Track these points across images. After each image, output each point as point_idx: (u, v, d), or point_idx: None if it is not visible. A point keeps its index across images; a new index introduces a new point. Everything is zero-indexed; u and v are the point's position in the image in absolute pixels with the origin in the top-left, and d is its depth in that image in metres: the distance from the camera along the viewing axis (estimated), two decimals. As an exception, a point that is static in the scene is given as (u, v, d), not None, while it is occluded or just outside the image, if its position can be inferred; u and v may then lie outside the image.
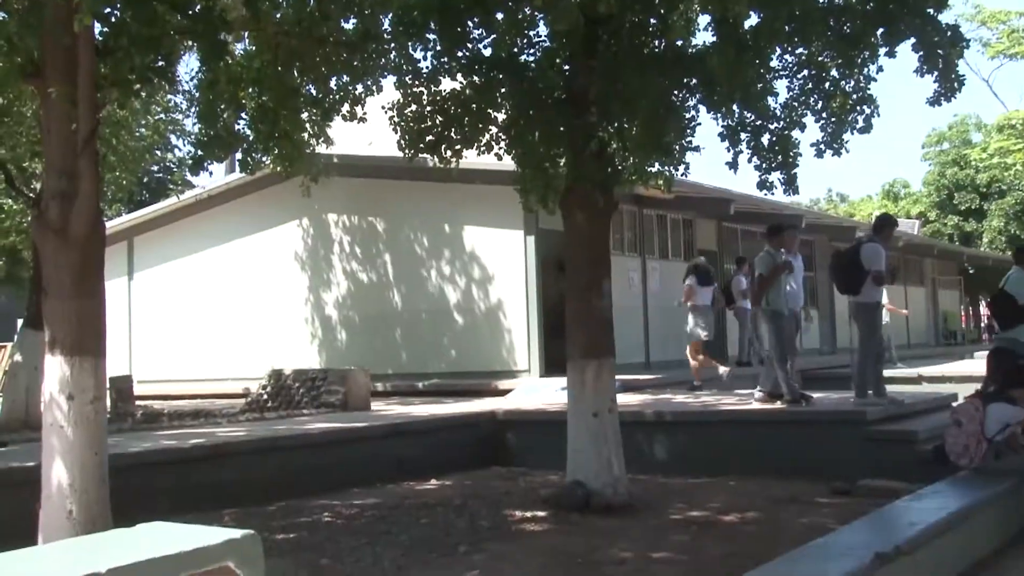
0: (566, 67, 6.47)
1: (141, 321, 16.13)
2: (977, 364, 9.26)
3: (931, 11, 5.60)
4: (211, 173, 12.11)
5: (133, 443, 7.06)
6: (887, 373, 8.80)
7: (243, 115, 5.71)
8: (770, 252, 8.45)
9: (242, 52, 5.71)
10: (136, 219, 16.43)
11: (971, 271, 27.98)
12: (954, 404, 7.42)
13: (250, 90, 5.45)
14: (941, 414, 7.92)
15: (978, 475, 5.78)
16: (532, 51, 6.59)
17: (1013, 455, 5.81)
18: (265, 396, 10.87)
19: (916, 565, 4.07)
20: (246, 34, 5.46)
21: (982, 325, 30.45)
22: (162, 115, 12.08)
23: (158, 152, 14.77)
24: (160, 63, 4.76)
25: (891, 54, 5.96)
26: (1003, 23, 21.66)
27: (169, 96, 11.28)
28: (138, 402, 12.01)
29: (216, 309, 15.20)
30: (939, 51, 5.61)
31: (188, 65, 15.25)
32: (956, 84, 5.73)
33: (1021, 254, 7.68)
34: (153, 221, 16.19)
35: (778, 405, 8.19)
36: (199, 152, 5.75)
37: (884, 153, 73.97)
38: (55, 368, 4.62)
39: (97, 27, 4.54)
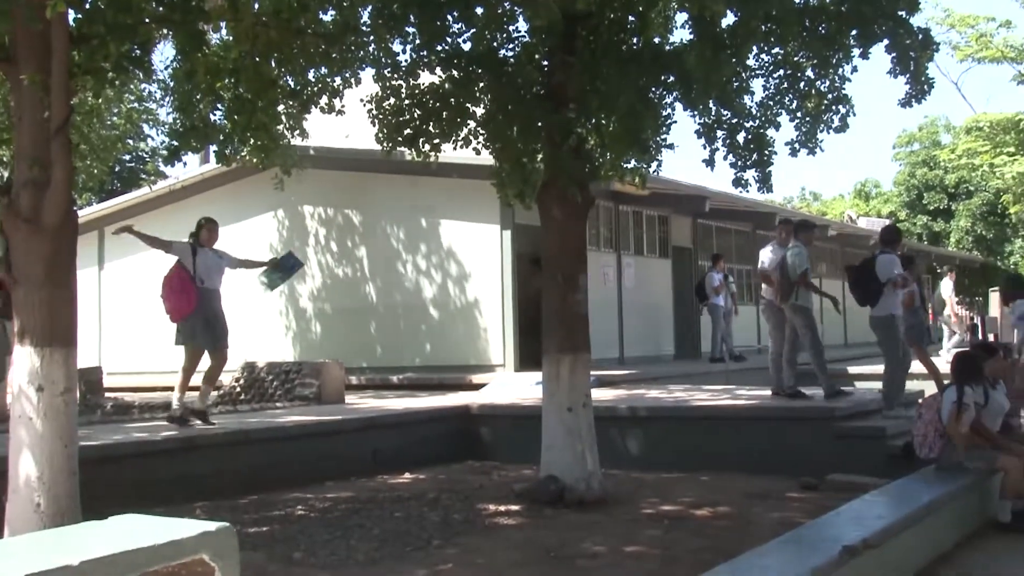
0: (545, 63, 6.48)
1: (111, 312, 15.91)
2: (943, 361, 9.42)
3: (903, 13, 5.70)
4: (185, 164, 11.96)
5: (103, 435, 6.98)
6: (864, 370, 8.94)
7: (219, 106, 5.65)
8: (802, 247, 8.46)
9: (219, 42, 5.65)
10: (107, 209, 16.17)
11: (939, 270, 28.41)
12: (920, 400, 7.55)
13: (227, 81, 5.40)
14: (908, 411, 8.06)
15: (941, 471, 5.90)
16: (511, 46, 6.59)
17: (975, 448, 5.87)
18: (238, 388, 10.78)
19: (882, 558, 4.16)
20: (224, 24, 5.40)
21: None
22: (135, 104, 11.92)
23: (130, 141, 14.57)
24: (136, 52, 4.70)
25: (864, 55, 6.05)
26: (972, 27, 21.95)
27: (143, 85, 11.14)
28: (108, 394, 11.84)
29: (188, 301, 15.00)
30: (911, 54, 5.71)
31: (163, 54, 15.06)
32: (926, 86, 5.85)
33: None
34: (125, 211, 15.90)
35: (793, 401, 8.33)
36: (175, 143, 5.70)
37: (856, 153, 74.93)
38: (25, 359, 4.56)
39: (72, 14, 4.47)
